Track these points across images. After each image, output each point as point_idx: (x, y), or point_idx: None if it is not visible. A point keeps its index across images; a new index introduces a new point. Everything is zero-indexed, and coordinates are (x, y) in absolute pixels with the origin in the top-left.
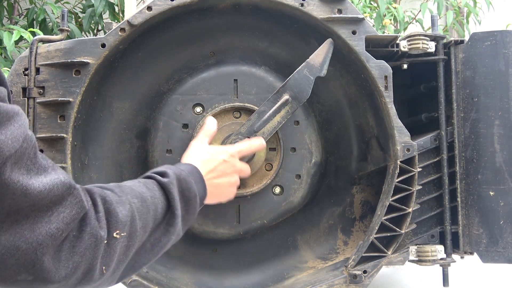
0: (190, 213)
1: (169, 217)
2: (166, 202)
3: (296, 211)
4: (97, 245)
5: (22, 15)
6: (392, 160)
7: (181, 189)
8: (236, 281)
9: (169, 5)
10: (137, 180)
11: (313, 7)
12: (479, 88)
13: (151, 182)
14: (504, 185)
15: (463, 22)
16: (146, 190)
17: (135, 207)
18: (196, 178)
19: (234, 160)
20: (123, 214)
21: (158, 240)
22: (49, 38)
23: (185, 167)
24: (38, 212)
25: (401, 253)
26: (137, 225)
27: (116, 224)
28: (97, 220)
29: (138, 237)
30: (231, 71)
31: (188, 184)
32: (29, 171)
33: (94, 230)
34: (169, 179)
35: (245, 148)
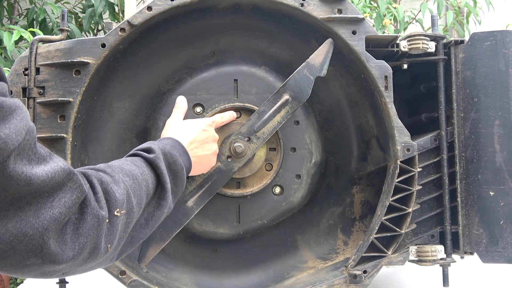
0: (179, 185)
1: (160, 191)
2: (155, 177)
3: (296, 211)
4: (100, 224)
5: (22, 15)
6: (392, 160)
7: (168, 163)
8: (236, 281)
9: (169, 5)
10: (124, 159)
11: (313, 7)
12: (479, 88)
13: (138, 160)
14: (504, 185)
15: (463, 22)
16: (135, 168)
17: (128, 185)
18: (180, 150)
19: (211, 129)
20: (119, 193)
21: (151, 214)
22: (49, 38)
23: (168, 141)
24: (40, 199)
25: (401, 253)
26: (133, 202)
27: (115, 203)
28: (97, 201)
29: (135, 213)
30: (231, 71)
31: (173, 157)
32: (31, 161)
33: (95, 211)
34: (155, 154)
35: (217, 118)
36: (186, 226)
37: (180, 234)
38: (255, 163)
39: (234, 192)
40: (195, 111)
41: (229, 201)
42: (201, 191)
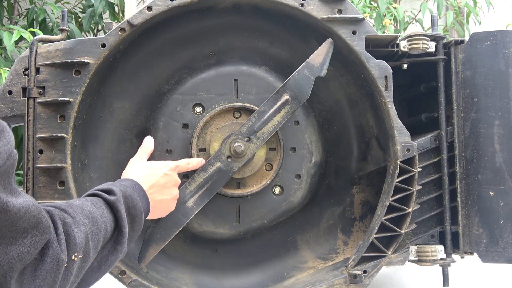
0: (136, 230)
1: (116, 235)
2: (114, 220)
3: (296, 211)
4: (58, 268)
5: (22, 15)
6: (392, 160)
7: (127, 207)
8: (236, 281)
9: (169, 5)
10: (84, 199)
11: (313, 7)
12: (479, 88)
13: (98, 201)
14: (504, 185)
15: (463, 22)
16: (95, 210)
17: (88, 228)
18: (140, 194)
19: (174, 174)
20: (79, 236)
21: (105, 259)
22: (49, 38)
23: (129, 183)
24: (14, 233)
25: (401, 253)
26: (90, 246)
27: (74, 246)
28: (59, 243)
29: (90, 258)
30: (231, 71)
31: (134, 201)
32: (6, 189)
33: (56, 254)
34: (116, 197)
35: (183, 164)
36: (186, 226)
37: (180, 234)
38: (255, 163)
39: (234, 192)
40: (195, 111)
41: (229, 201)
42: (201, 191)
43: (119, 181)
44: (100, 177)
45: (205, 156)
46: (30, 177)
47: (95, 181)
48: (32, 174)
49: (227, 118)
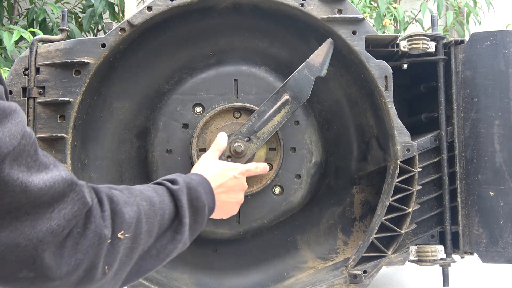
0: (198, 222)
1: (176, 224)
2: (174, 209)
3: (296, 211)
4: (101, 243)
5: (22, 15)
6: (392, 160)
7: (190, 198)
8: (236, 281)
9: (169, 5)
10: (147, 185)
11: (313, 7)
12: (479, 88)
13: (160, 188)
14: (504, 185)
15: (463, 22)
16: (155, 195)
17: (143, 210)
18: (206, 189)
19: (243, 178)
20: (129, 215)
21: (164, 247)
22: (49, 38)
23: (196, 177)
24: (38, 209)
25: (401, 253)
26: (142, 228)
27: (121, 224)
28: (102, 218)
29: (142, 240)
30: (231, 71)
31: (197, 193)
32: (30, 168)
33: (98, 229)
34: (179, 186)
35: (252, 168)
36: None
37: None
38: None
39: None
40: (195, 111)
41: None
42: None
43: (187, 174)
44: (100, 177)
45: None
46: None
47: (95, 181)
48: None
49: (227, 118)
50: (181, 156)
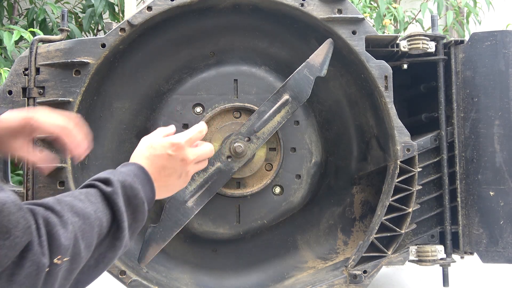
0: (139, 220)
1: (114, 230)
2: (111, 214)
3: (296, 211)
4: (38, 273)
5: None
6: (392, 160)
7: (127, 197)
8: (236, 281)
9: (169, 5)
10: (79, 192)
11: (313, 7)
12: (479, 88)
13: (94, 193)
14: (504, 185)
15: (463, 22)
16: (89, 205)
17: (78, 226)
18: (143, 180)
19: (181, 152)
20: (65, 237)
21: (103, 256)
22: (49, 38)
23: (131, 169)
24: None
25: (401, 253)
26: (80, 246)
27: (58, 248)
28: (40, 245)
29: (82, 259)
30: (231, 71)
31: (134, 190)
32: None
33: (36, 257)
34: (113, 188)
35: (194, 135)
36: (186, 226)
37: (180, 234)
38: (255, 163)
39: (234, 192)
40: (195, 111)
41: (229, 201)
42: (201, 191)
43: (122, 166)
44: None
45: None
46: (30, 177)
47: None
48: (32, 174)
49: (227, 118)
50: None
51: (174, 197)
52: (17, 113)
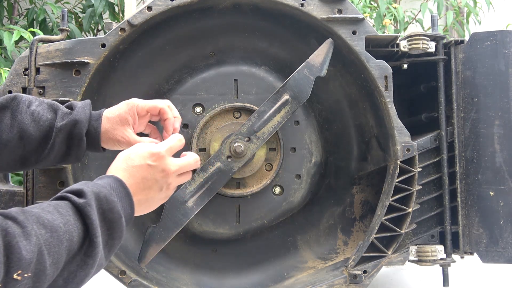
0: (115, 237)
1: (87, 246)
2: (83, 228)
3: (296, 211)
4: None
5: (22, 15)
6: (392, 160)
7: (101, 210)
8: (236, 281)
9: (169, 5)
10: (47, 203)
11: (313, 7)
12: (479, 88)
13: (64, 205)
14: (504, 185)
15: (463, 22)
16: (58, 216)
17: (43, 240)
18: (121, 193)
19: (161, 162)
20: (27, 250)
21: (73, 275)
22: (49, 38)
23: (108, 181)
24: None
25: (401, 253)
26: (46, 262)
27: (18, 263)
28: None
29: (47, 276)
30: (231, 71)
31: (110, 203)
32: None
33: None
34: (86, 199)
35: (174, 144)
36: (186, 226)
37: (180, 234)
38: (255, 163)
39: (234, 192)
40: (195, 111)
41: (229, 201)
42: (201, 191)
43: (98, 179)
44: None
45: (205, 156)
46: (30, 177)
47: None
48: (32, 174)
49: (227, 118)
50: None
51: (174, 197)
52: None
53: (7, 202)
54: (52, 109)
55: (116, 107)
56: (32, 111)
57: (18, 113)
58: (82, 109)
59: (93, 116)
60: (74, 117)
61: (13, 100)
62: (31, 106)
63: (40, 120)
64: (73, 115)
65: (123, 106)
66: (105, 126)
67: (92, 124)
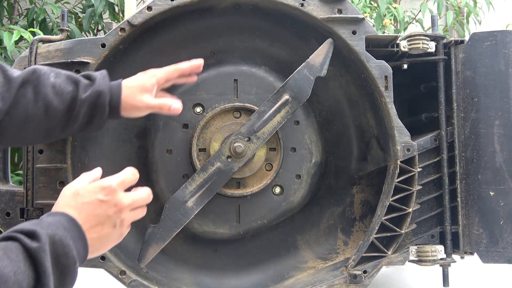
0: (67, 284)
1: None
2: (34, 277)
3: (296, 211)
4: None
5: (22, 15)
6: (392, 160)
7: (55, 255)
8: (236, 281)
9: (169, 5)
10: None
11: (313, 7)
12: (479, 88)
13: (15, 249)
14: (504, 185)
15: (463, 22)
16: (8, 263)
17: None
18: (74, 234)
19: (113, 196)
20: None
21: None
22: (49, 38)
23: (61, 220)
24: None
25: (401, 253)
26: None
27: None
28: None
29: None
30: (231, 71)
31: (65, 248)
32: None
33: None
34: (40, 243)
35: (127, 177)
36: (186, 226)
37: (180, 234)
38: (255, 163)
39: (234, 192)
40: (195, 111)
41: (229, 201)
42: (201, 191)
43: (47, 215)
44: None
45: (205, 156)
46: (30, 177)
47: None
48: (32, 174)
49: (227, 118)
50: (181, 156)
51: (174, 196)
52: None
53: (7, 202)
54: (72, 81)
55: (135, 77)
56: (53, 83)
57: (41, 87)
58: (103, 80)
59: (112, 85)
60: (97, 88)
61: (33, 73)
62: (49, 78)
63: (63, 93)
64: (95, 86)
65: (141, 75)
66: (125, 93)
67: (113, 93)
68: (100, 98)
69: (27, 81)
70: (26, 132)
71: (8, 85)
